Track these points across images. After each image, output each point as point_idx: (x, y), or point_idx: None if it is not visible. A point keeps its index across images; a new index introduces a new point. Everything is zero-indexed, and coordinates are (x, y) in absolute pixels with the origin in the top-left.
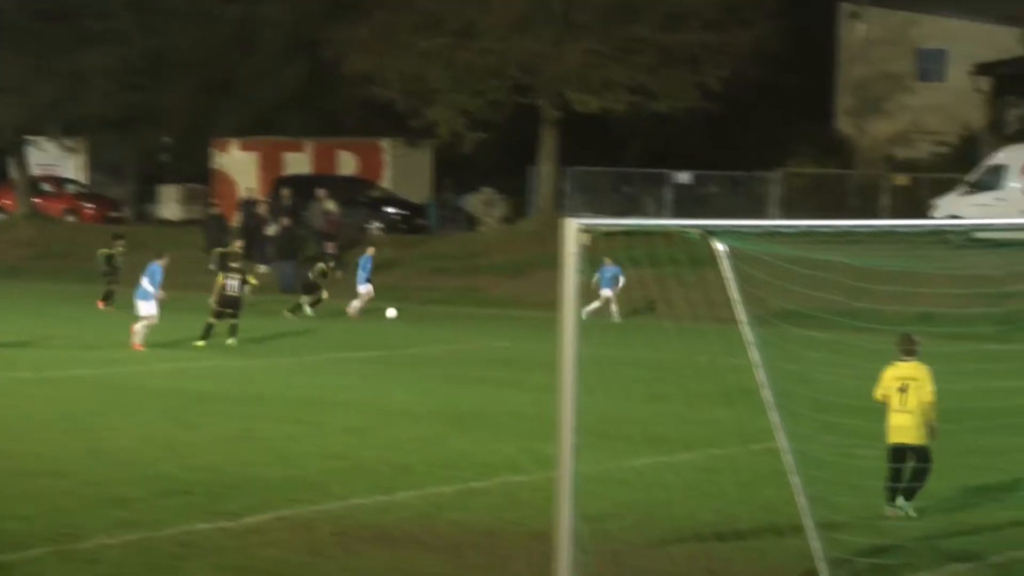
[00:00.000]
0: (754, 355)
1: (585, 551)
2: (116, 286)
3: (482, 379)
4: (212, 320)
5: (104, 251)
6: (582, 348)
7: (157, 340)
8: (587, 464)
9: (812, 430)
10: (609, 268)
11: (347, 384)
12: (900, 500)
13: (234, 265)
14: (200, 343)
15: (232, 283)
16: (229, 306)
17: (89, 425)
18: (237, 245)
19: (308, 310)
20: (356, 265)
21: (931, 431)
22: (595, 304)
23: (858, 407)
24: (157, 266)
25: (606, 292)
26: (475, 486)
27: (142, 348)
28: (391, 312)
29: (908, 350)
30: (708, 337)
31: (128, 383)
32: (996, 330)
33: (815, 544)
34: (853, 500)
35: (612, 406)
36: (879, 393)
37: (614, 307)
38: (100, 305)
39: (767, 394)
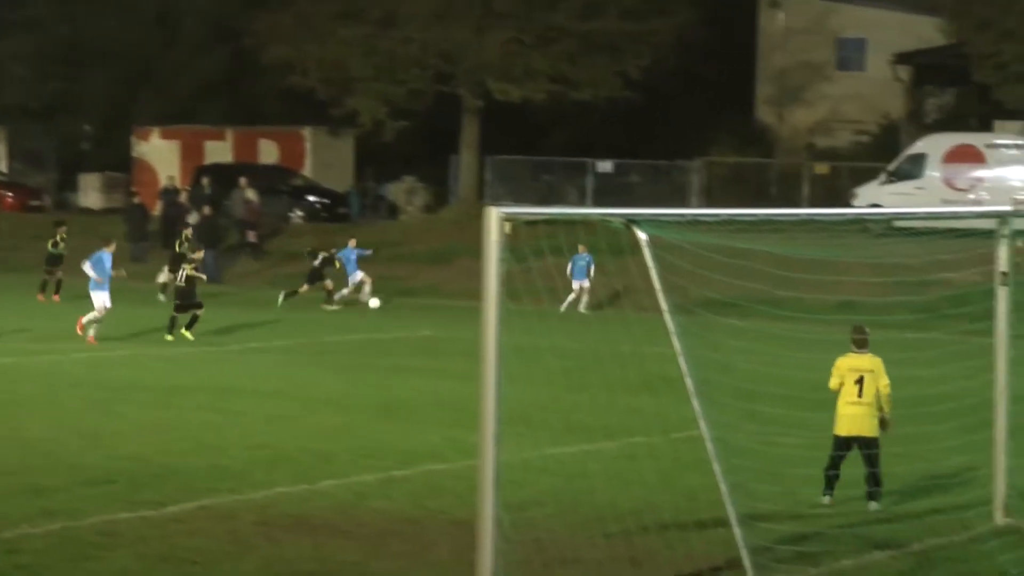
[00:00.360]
0: (676, 344)
1: (507, 539)
2: (61, 275)
3: (404, 368)
4: (175, 314)
5: (50, 242)
6: (504, 336)
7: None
8: (509, 452)
9: (734, 418)
10: (582, 256)
11: (269, 373)
12: (871, 505)
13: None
14: (168, 336)
15: (181, 274)
16: (182, 297)
17: (10, 414)
18: (187, 233)
19: (333, 306)
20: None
21: (883, 423)
22: (571, 296)
23: (780, 395)
24: (106, 253)
25: (580, 283)
26: (397, 474)
27: (94, 342)
28: (374, 302)
29: (861, 341)
30: (630, 325)
31: (49, 372)
32: (916, 318)
33: (737, 532)
34: (775, 488)
35: (534, 394)
36: (834, 382)
37: (585, 298)
38: (40, 298)
39: (689, 382)
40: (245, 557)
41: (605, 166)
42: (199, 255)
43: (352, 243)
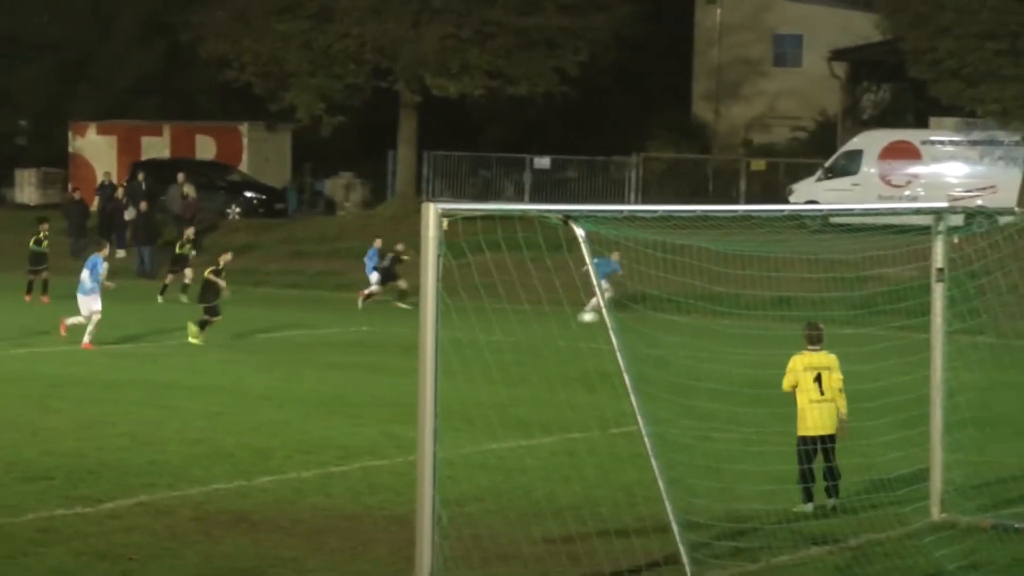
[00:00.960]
0: (614, 339)
1: (446, 535)
2: (47, 274)
3: (342, 364)
4: (206, 317)
5: (33, 239)
6: (442, 332)
7: (15, 324)
8: (447, 448)
9: (671, 414)
10: (610, 262)
11: (206, 369)
12: (830, 501)
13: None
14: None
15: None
16: (206, 299)
17: None
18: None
19: (406, 305)
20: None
21: (843, 431)
22: (593, 301)
23: (716, 391)
24: (98, 258)
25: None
26: (335, 470)
27: (92, 347)
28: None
29: (815, 337)
30: (568, 321)
31: None
32: (853, 314)
33: (675, 528)
34: (712, 483)
35: (472, 390)
36: (788, 383)
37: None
38: (27, 299)
39: (627, 378)
40: (182, 553)
41: (543, 162)
42: (226, 257)
43: (377, 243)
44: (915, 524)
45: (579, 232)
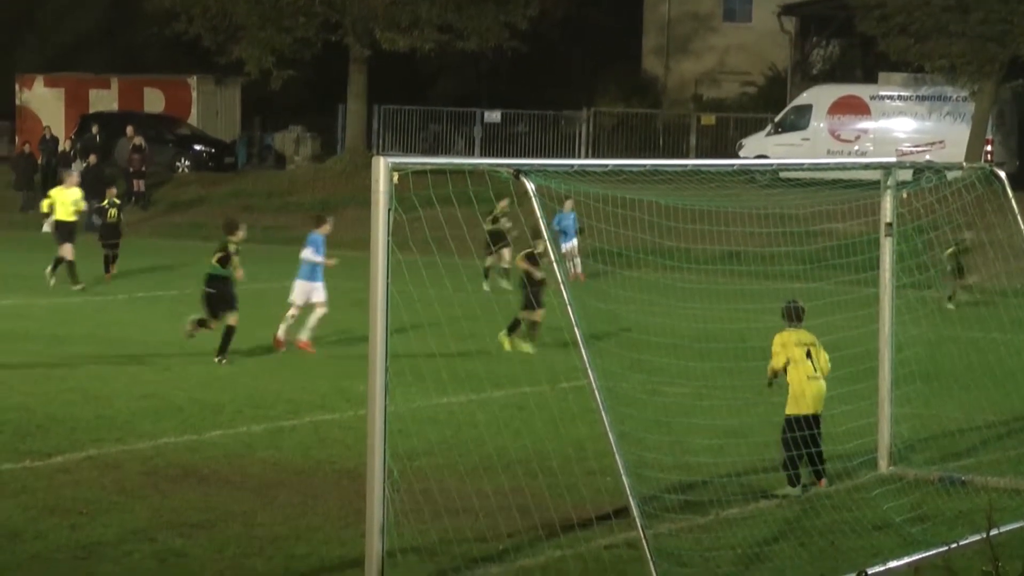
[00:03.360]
0: (564, 293)
1: (396, 489)
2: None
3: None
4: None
5: (105, 203)
6: (392, 286)
7: None
8: (398, 402)
9: (620, 368)
10: (567, 216)
11: (156, 323)
12: (824, 482)
13: None
14: None
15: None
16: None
17: None
18: None
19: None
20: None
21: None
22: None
23: (666, 344)
24: (319, 236)
25: (569, 245)
26: (285, 425)
27: (310, 348)
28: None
29: (798, 313)
30: (517, 275)
31: None
32: (802, 269)
33: (625, 481)
34: (661, 437)
35: (422, 344)
36: (780, 361)
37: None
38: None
39: (576, 332)
40: (132, 507)
41: (493, 116)
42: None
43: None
44: (863, 477)
45: (529, 186)
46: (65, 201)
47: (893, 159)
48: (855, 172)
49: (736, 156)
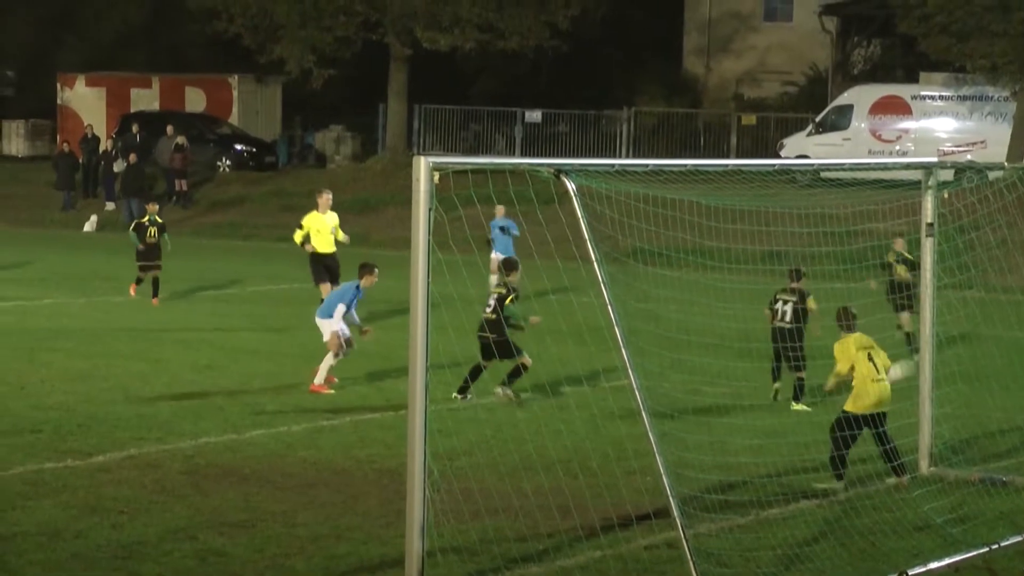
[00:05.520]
0: (605, 293)
1: (436, 489)
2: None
3: None
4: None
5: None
6: (433, 286)
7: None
8: (438, 402)
9: (661, 367)
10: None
11: (195, 322)
12: (906, 476)
13: None
14: None
15: None
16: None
17: None
18: None
19: None
20: None
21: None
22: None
23: (706, 345)
24: (359, 290)
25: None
26: (325, 424)
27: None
28: None
29: (850, 324)
30: (559, 275)
31: None
32: (843, 269)
33: (665, 481)
34: (701, 437)
35: (463, 344)
36: (845, 367)
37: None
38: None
39: (617, 332)
40: (173, 507)
41: (534, 116)
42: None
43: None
44: (904, 477)
45: (570, 186)
46: (323, 228)
47: (934, 159)
48: (896, 172)
49: (777, 156)
